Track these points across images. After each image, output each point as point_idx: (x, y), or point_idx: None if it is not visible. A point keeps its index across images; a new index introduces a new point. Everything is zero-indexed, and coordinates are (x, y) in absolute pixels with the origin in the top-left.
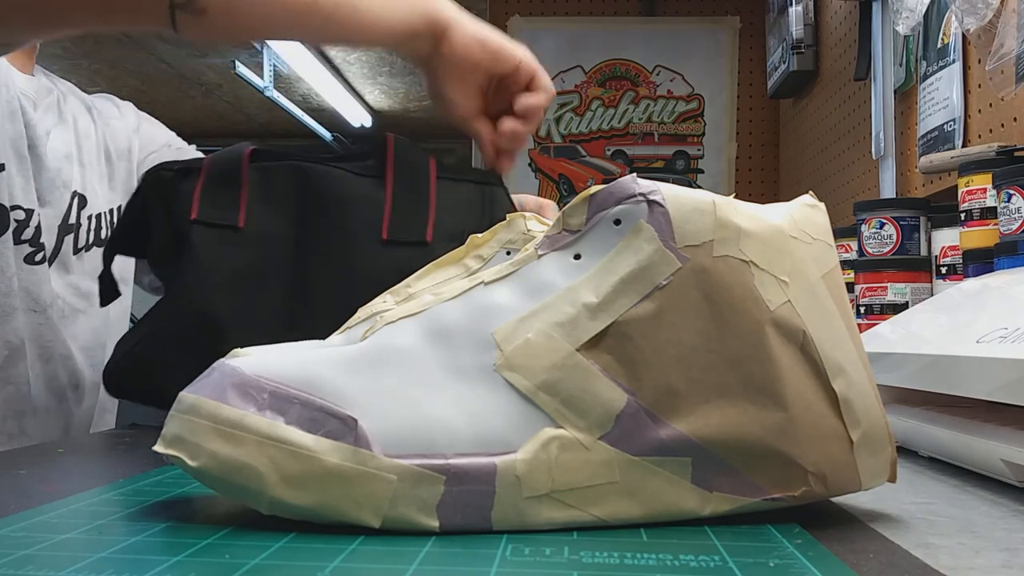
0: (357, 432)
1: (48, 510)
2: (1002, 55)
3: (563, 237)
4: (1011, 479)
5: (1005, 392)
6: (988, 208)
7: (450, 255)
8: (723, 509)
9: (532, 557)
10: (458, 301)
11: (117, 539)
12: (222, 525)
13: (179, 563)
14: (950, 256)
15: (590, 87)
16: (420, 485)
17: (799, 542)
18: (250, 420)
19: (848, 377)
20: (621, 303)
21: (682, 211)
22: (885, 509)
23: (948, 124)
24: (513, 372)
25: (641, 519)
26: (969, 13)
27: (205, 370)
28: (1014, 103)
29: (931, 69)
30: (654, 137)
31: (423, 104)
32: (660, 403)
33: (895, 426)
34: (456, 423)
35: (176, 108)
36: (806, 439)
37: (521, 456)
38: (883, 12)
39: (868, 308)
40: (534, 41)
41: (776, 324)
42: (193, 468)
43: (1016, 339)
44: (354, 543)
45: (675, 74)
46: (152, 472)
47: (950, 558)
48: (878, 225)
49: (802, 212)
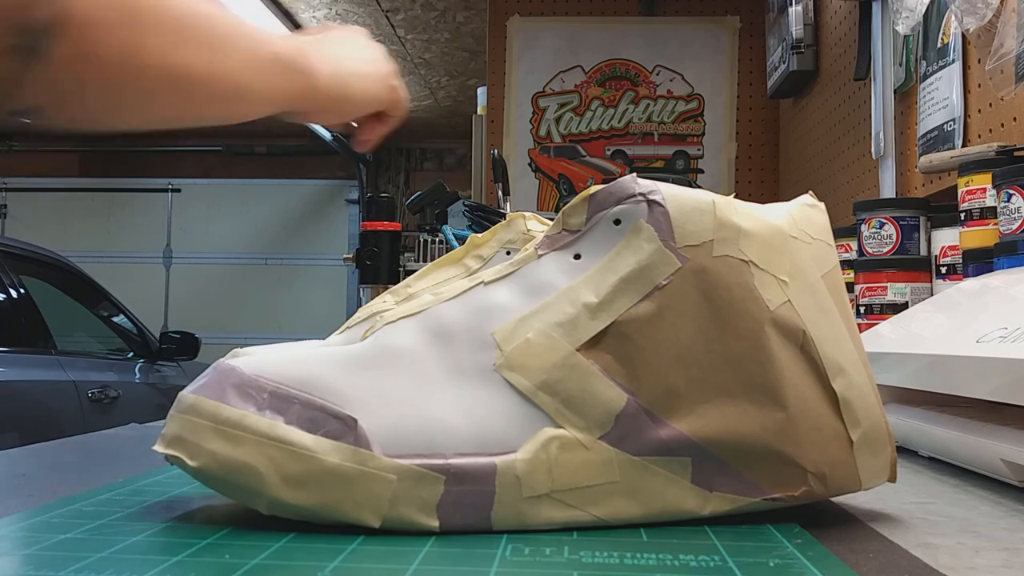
0: (357, 432)
1: (48, 510)
2: (1002, 55)
3: (563, 237)
4: (1011, 479)
5: (1005, 392)
6: (988, 208)
7: (450, 255)
8: (723, 509)
9: (532, 557)
10: (458, 301)
11: (117, 539)
12: (222, 525)
13: (179, 563)
14: (950, 256)
15: (590, 87)
16: (420, 485)
17: (799, 542)
18: (250, 420)
19: (848, 377)
20: (621, 303)
21: (682, 211)
22: (885, 509)
23: (948, 124)
24: (513, 372)
25: (641, 519)
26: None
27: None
28: (1014, 103)
29: (931, 69)
30: (654, 137)
31: (423, 104)
32: (660, 403)
33: (895, 426)
34: (456, 423)
35: None
36: (806, 439)
37: (521, 456)
38: (883, 12)
39: (868, 308)
40: (534, 41)
41: (776, 324)
42: (193, 468)
43: (1016, 339)
44: (354, 543)
45: (675, 74)
46: (152, 472)
47: (950, 558)
48: (878, 225)
49: (802, 212)
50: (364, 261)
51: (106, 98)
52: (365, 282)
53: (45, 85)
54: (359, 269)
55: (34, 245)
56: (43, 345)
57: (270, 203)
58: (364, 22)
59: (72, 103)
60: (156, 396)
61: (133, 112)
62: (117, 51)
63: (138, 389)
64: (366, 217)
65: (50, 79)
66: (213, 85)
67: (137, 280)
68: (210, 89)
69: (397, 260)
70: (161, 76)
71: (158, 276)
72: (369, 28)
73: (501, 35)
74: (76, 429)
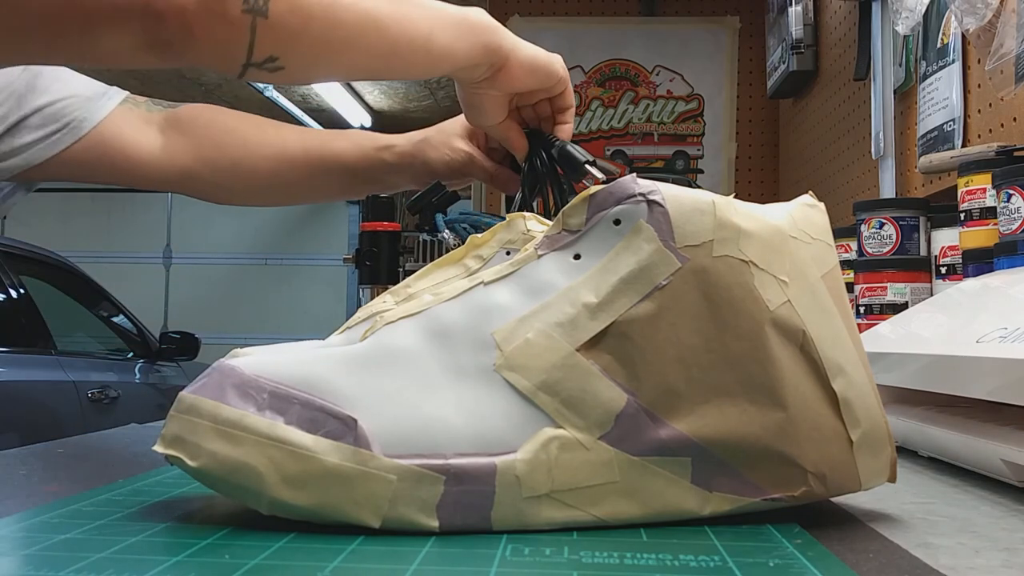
0: (357, 432)
1: (48, 510)
2: (1002, 55)
3: (563, 237)
4: (1011, 479)
5: (1005, 392)
6: (988, 208)
7: (450, 255)
8: (723, 509)
9: (532, 557)
10: (458, 301)
11: (117, 539)
12: (222, 525)
13: (179, 563)
14: (950, 256)
15: (590, 87)
16: (420, 485)
17: (799, 542)
18: (250, 420)
19: (848, 377)
20: (621, 303)
21: (682, 211)
22: (885, 509)
23: (948, 124)
24: (513, 372)
25: (641, 519)
26: (968, 13)
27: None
28: (1014, 103)
29: (931, 69)
30: (654, 137)
31: (423, 104)
32: (660, 403)
33: (895, 426)
34: (456, 423)
35: None
36: (806, 439)
37: (521, 456)
38: (883, 12)
39: (868, 308)
40: (534, 41)
41: (776, 324)
42: (193, 468)
43: (1016, 339)
44: (354, 543)
45: (675, 74)
46: (152, 472)
47: (950, 558)
48: (878, 225)
49: (802, 212)
50: (364, 261)
51: (318, 47)
52: (365, 282)
53: (271, 37)
54: (359, 269)
55: (34, 245)
56: (43, 345)
57: None
58: None
59: (294, 53)
60: (156, 396)
61: (341, 59)
62: (319, 4)
63: (138, 389)
64: (366, 217)
65: (273, 32)
66: (403, 32)
67: (137, 280)
68: (400, 36)
69: (397, 260)
70: (359, 22)
71: (158, 276)
72: None
73: None
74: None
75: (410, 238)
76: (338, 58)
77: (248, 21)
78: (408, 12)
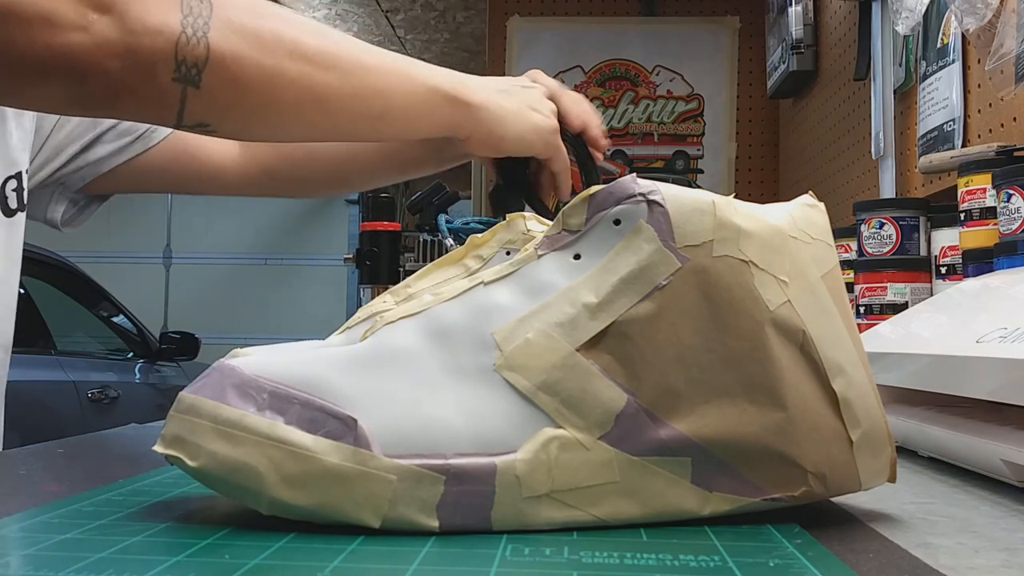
0: (357, 432)
1: (48, 510)
2: (1002, 55)
3: (563, 237)
4: (1011, 479)
5: (1005, 392)
6: (988, 208)
7: (450, 255)
8: (723, 509)
9: (532, 557)
10: (458, 301)
11: (117, 539)
12: (222, 525)
13: (179, 563)
14: (950, 256)
15: (589, 87)
16: (420, 485)
17: (799, 542)
18: (250, 420)
19: (848, 377)
20: (621, 303)
21: (682, 211)
22: (885, 509)
23: (948, 124)
24: (513, 372)
25: (641, 519)
26: (968, 13)
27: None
28: (1014, 103)
29: (931, 69)
30: (654, 137)
31: None
32: (660, 403)
33: (895, 426)
34: (456, 423)
35: None
36: (806, 439)
37: (521, 456)
38: (883, 12)
39: (868, 308)
40: (533, 41)
41: (776, 324)
42: (193, 468)
43: (1016, 339)
44: (354, 543)
45: (674, 74)
46: (152, 472)
47: (950, 558)
48: (878, 225)
49: (802, 212)
50: (364, 261)
51: (255, 116)
52: (365, 282)
53: (201, 106)
54: (359, 269)
55: (34, 245)
56: (43, 345)
57: (270, 203)
58: (364, 22)
59: (227, 120)
60: (156, 396)
61: (282, 128)
62: (257, 78)
63: (138, 389)
64: (366, 217)
65: (203, 103)
66: (356, 107)
67: (137, 280)
68: (354, 110)
69: (397, 260)
70: (298, 99)
71: (158, 276)
72: (369, 28)
73: (501, 35)
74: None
75: (410, 238)
76: (274, 131)
77: (178, 90)
78: (362, 87)
